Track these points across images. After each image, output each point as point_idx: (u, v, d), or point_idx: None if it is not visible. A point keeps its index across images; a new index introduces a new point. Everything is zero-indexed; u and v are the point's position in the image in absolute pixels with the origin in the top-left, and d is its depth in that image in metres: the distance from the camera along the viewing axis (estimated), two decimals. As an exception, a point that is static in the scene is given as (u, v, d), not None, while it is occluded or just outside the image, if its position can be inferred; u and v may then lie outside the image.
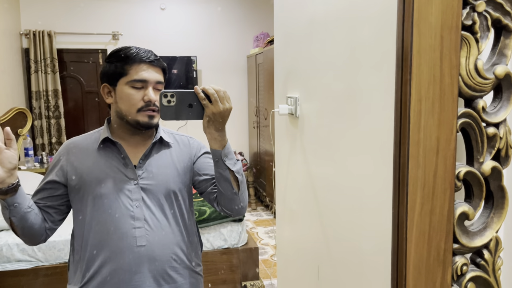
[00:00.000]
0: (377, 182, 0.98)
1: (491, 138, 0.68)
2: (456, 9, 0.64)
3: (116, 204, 1.18)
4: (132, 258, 1.17)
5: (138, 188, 1.20)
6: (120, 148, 1.21)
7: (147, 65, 1.18)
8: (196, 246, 1.33)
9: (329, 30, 1.23)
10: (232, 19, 5.09)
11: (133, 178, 1.20)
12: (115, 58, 1.20)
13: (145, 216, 1.19)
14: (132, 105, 1.17)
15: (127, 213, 1.18)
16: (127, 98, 1.17)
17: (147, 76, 1.17)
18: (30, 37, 4.51)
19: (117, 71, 1.18)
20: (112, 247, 1.17)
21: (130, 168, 1.21)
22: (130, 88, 1.17)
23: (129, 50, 1.19)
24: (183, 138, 1.33)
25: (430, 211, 0.67)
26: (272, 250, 3.60)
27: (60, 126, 4.68)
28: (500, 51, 0.68)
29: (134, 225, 1.18)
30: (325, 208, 1.33)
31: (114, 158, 1.21)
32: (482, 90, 0.67)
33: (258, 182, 4.93)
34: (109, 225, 1.17)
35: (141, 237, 1.18)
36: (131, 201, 1.19)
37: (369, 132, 1.03)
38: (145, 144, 1.26)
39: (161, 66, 1.22)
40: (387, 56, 0.88)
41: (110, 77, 1.20)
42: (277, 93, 1.81)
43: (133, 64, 1.17)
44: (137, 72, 1.17)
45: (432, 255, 0.67)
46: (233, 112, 4.53)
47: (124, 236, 1.17)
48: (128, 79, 1.17)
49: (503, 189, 0.69)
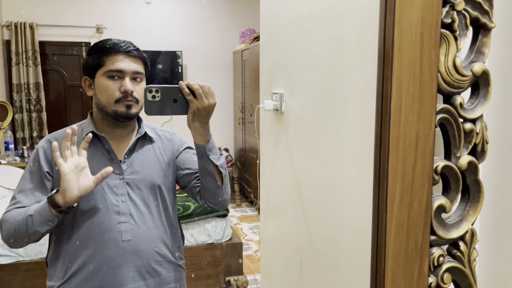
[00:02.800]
0: (359, 176, 1.00)
1: (468, 133, 0.70)
2: (436, 7, 0.66)
3: (102, 199, 1.17)
4: (117, 253, 1.17)
5: (124, 182, 1.20)
6: (105, 142, 1.21)
7: (124, 55, 1.18)
8: (179, 239, 1.34)
9: (314, 27, 1.24)
10: (218, 15, 5.07)
11: (118, 173, 1.20)
12: (93, 50, 1.19)
13: (130, 211, 1.19)
14: (109, 96, 1.16)
15: (112, 208, 1.18)
16: (104, 89, 1.16)
17: (123, 66, 1.16)
18: (12, 29, 4.42)
19: (95, 62, 1.18)
20: (97, 242, 1.17)
21: (116, 163, 1.20)
22: (107, 79, 1.16)
23: (107, 42, 1.19)
24: (165, 133, 1.34)
25: (409, 204, 0.69)
26: (256, 245, 3.62)
27: (41, 120, 4.60)
28: (478, 49, 0.70)
29: (119, 219, 1.18)
30: (308, 203, 1.35)
31: (99, 152, 1.21)
32: (460, 87, 0.69)
33: (243, 178, 4.94)
34: (94, 220, 1.17)
35: (126, 232, 1.18)
36: (117, 196, 1.18)
37: (352, 127, 1.05)
38: (128, 138, 1.25)
39: (141, 57, 1.22)
40: (370, 53, 0.90)
41: (89, 69, 1.20)
42: (262, 89, 1.82)
43: (110, 54, 1.17)
44: (113, 62, 1.16)
45: (410, 247, 0.69)
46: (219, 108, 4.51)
47: (109, 231, 1.17)
48: (105, 69, 1.16)
49: (479, 183, 0.72)
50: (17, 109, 4.49)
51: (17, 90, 4.49)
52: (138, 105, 1.19)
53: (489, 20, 0.69)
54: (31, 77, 4.50)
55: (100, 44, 1.19)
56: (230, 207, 4.56)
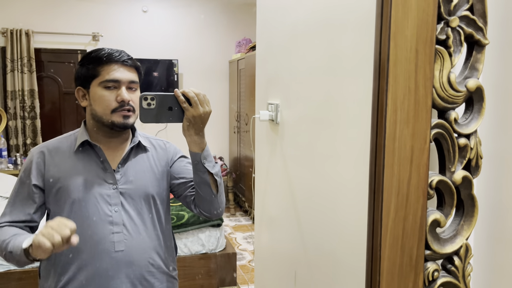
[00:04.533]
0: (353, 189, 1.00)
1: (462, 148, 0.71)
2: (431, 24, 0.67)
3: (95, 209, 1.16)
4: (110, 263, 1.16)
5: (117, 192, 1.19)
6: (99, 151, 1.20)
7: (119, 65, 1.17)
8: (172, 250, 1.33)
9: (310, 39, 1.25)
10: (214, 24, 5.09)
11: (112, 183, 1.19)
12: (87, 60, 1.19)
13: (124, 221, 1.18)
14: (106, 106, 1.16)
15: (105, 218, 1.16)
16: (101, 99, 1.16)
17: (119, 76, 1.16)
18: (7, 36, 4.41)
19: (90, 73, 1.17)
20: (89, 252, 1.15)
21: (109, 173, 1.19)
22: (103, 89, 1.16)
23: (100, 51, 1.18)
24: (159, 142, 1.33)
25: (404, 218, 0.69)
26: (250, 255, 3.60)
27: (35, 127, 4.58)
28: (472, 65, 0.71)
29: (112, 230, 1.16)
30: (303, 214, 1.35)
31: (93, 162, 1.20)
32: (454, 102, 0.70)
33: (238, 188, 4.93)
34: (87, 230, 1.15)
35: (119, 242, 1.17)
36: (110, 206, 1.17)
37: (346, 139, 1.05)
38: (122, 148, 1.24)
39: (135, 66, 1.21)
40: (364, 66, 0.90)
41: (83, 80, 1.19)
42: (258, 99, 1.82)
43: (105, 64, 1.16)
44: (108, 72, 1.16)
45: (405, 261, 0.69)
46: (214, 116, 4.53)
47: (102, 241, 1.16)
48: (100, 79, 1.16)
49: (473, 198, 0.72)
50: (11, 116, 4.47)
51: (12, 97, 4.47)
52: (134, 114, 1.19)
53: (483, 36, 0.70)
54: (26, 84, 4.48)
55: (93, 54, 1.18)
56: (224, 216, 4.54)
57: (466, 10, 0.69)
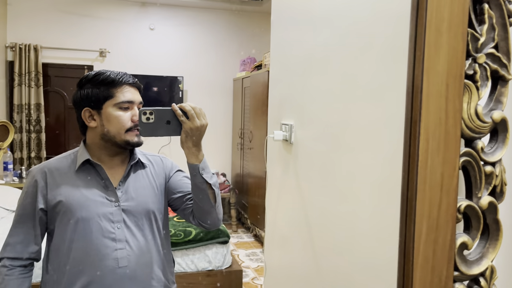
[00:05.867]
0: (379, 212, 1.03)
1: (488, 175, 0.75)
2: (460, 60, 0.72)
3: (98, 227, 1.19)
4: (113, 279, 1.18)
5: (120, 210, 1.21)
6: (100, 170, 1.23)
7: (129, 86, 1.23)
8: (171, 263, 1.37)
9: (326, 63, 1.30)
10: (219, 42, 5.19)
11: (114, 200, 1.22)
12: (95, 83, 1.22)
13: (126, 237, 1.21)
14: (122, 126, 1.20)
15: (108, 235, 1.19)
16: (116, 119, 1.20)
17: (132, 97, 1.22)
18: (16, 50, 4.47)
19: (102, 94, 1.21)
20: (94, 269, 1.18)
21: (111, 190, 1.22)
22: (118, 110, 1.20)
23: (109, 74, 1.22)
24: (155, 158, 1.37)
25: (434, 241, 0.73)
26: (253, 273, 3.60)
27: (40, 141, 4.60)
28: (497, 98, 0.76)
29: (116, 246, 1.19)
30: (317, 235, 1.38)
31: (94, 180, 1.23)
32: (481, 132, 0.75)
33: (240, 204, 4.95)
34: (90, 247, 1.18)
35: (122, 258, 1.19)
36: (113, 223, 1.20)
37: (370, 163, 1.09)
38: (122, 165, 1.28)
39: (138, 86, 1.28)
40: (386, 92, 0.95)
41: (93, 101, 1.21)
42: (270, 119, 1.87)
43: (117, 86, 1.21)
44: (122, 93, 1.21)
45: (435, 282, 0.73)
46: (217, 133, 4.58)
47: (105, 258, 1.18)
48: (115, 101, 1.20)
49: (498, 222, 0.76)
50: (16, 129, 4.49)
51: (18, 110, 4.51)
52: None
53: (507, 72, 0.75)
54: (33, 98, 4.52)
55: (102, 76, 1.22)
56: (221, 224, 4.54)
57: (491, 48, 0.74)
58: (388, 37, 0.90)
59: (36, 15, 4.60)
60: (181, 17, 5.06)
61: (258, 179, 4.25)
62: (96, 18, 4.79)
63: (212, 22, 5.15)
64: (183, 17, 5.07)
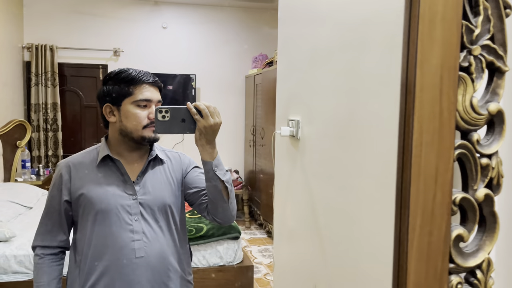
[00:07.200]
0: (378, 205, 1.04)
1: (484, 168, 0.75)
2: (455, 52, 0.72)
3: (116, 219, 1.24)
4: (131, 269, 1.24)
5: (137, 203, 1.27)
6: (119, 165, 1.29)
7: (149, 85, 1.28)
8: (188, 255, 1.41)
9: (331, 59, 1.31)
10: (231, 40, 5.21)
11: (132, 194, 1.27)
12: (116, 80, 1.27)
13: (143, 229, 1.26)
14: (138, 123, 1.25)
15: (126, 227, 1.25)
16: (134, 116, 1.25)
17: (150, 95, 1.27)
18: (32, 51, 4.57)
19: (122, 91, 1.26)
20: (112, 259, 1.24)
21: (129, 185, 1.28)
22: (136, 107, 1.25)
23: (131, 72, 1.27)
24: (174, 154, 1.42)
25: (429, 233, 0.73)
26: (266, 269, 3.62)
27: (57, 139, 4.71)
28: (493, 90, 0.76)
29: (133, 237, 1.25)
30: (323, 228, 1.39)
31: (113, 174, 1.28)
32: (476, 125, 0.74)
33: (253, 200, 4.97)
34: (109, 238, 1.24)
35: (139, 249, 1.24)
36: (130, 216, 1.26)
37: (371, 156, 1.09)
38: (141, 160, 1.33)
39: (159, 86, 1.32)
40: (387, 87, 0.95)
41: (114, 98, 1.27)
42: (278, 115, 1.88)
43: (137, 85, 1.26)
44: (141, 92, 1.26)
45: (430, 274, 0.73)
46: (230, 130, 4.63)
47: (123, 248, 1.24)
48: (134, 99, 1.25)
49: (495, 215, 0.76)
50: (34, 128, 4.61)
51: (35, 109, 4.62)
52: None
53: (504, 64, 0.75)
54: (49, 97, 4.63)
55: (123, 74, 1.27)
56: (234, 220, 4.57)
57: (487, 39, 0.74)
58: (385, 31, 0.90)
59: (51, 16, 4.70)
60: (193, 16, 5.10)
61: (270, 176, 4.26)
62: (110, 18, 4.86)
63: (224, 20, 5.18)
64: (195, 16, 5.11)
